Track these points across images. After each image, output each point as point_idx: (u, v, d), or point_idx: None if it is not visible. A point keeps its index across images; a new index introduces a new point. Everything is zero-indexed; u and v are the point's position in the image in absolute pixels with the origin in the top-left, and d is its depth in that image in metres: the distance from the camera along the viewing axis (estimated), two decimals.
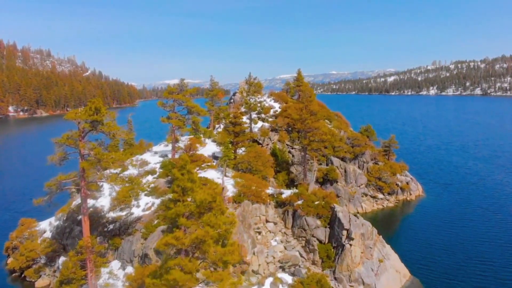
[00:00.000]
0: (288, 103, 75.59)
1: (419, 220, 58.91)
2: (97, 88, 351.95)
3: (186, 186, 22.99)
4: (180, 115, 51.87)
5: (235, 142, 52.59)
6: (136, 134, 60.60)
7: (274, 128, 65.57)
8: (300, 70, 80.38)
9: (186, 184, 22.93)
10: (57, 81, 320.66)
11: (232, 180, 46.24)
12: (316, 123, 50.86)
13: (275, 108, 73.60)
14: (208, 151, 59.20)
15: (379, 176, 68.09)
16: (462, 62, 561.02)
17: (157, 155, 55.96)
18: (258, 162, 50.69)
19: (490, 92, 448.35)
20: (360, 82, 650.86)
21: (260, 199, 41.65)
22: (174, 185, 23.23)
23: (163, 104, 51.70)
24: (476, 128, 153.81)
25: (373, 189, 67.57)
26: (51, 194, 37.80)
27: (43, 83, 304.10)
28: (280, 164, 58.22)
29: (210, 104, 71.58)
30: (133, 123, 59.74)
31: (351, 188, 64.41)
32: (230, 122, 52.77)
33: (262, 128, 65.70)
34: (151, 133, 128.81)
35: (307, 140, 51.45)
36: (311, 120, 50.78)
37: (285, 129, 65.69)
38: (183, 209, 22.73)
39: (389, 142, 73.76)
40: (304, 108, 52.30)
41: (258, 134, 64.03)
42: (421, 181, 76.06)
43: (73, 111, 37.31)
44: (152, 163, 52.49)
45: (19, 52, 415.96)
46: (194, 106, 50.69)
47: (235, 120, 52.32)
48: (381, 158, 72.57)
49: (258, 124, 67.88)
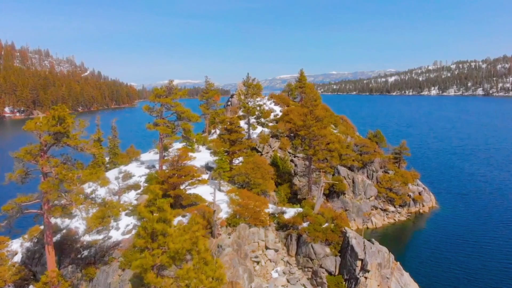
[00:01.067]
0: (289, 106, 69.34)
1: (435, 236, 52.80)
2: (95, 88, 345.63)
3: (156, 229, 16.73)
4: (169, 122, 45.58)
5: (231, 151, 46.32)
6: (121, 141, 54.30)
7: (275, 134, 59.29)
8: (302, 70, 74.19)
9: (156, 227, 16.67)
10: (55, 81, 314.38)
11: (227, 196, 40.04)
12: (322, 130, 44.60)
13: (275, 111, 67.34)
14: (201, 160, 52.92)
15: (389, 187, 61.83)
16: (464, 62, 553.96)
17: (144, 165, 49.69)
18: (257, 174, 44.44)
19: (492, 92, 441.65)
20: (360, 82, 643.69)
21: (258, 221, 35.39)
22: (140, 228, 16.98)
23: (149, 108, 45.41)
24: (483, 130, 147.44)
25: (384, 201, 61.30)
26: (10, 218, 31.63)
27: (40, 83, 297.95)
28: (282, 175, 51.95)
29: (205, 107, 65.29)
30: (117, 129, 53.39)
31: (360, 200, 58.12)
32: (225, 128, 46.49)
33: (261, 134, 59.44)
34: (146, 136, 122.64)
35: (312, 149, 45.17)
36: (317, 127, 44.50)
37: (287, 135, 59.40)
38: (151, 261, 16.47)
39: (399, 148, 67.43)
40: (308, 113, 46.01)
41: (257, 141, 57.76)
42: (433, 190, 69.84)
43: (33, 120, 31.15)
44: (136, 175, 46.24)
45: (17, 52, 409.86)
46: (185, 111, 44.37)
47: (231, 126, 46.04)
48: (391, 166, 66.28)
49: (257, 129, 61.59)
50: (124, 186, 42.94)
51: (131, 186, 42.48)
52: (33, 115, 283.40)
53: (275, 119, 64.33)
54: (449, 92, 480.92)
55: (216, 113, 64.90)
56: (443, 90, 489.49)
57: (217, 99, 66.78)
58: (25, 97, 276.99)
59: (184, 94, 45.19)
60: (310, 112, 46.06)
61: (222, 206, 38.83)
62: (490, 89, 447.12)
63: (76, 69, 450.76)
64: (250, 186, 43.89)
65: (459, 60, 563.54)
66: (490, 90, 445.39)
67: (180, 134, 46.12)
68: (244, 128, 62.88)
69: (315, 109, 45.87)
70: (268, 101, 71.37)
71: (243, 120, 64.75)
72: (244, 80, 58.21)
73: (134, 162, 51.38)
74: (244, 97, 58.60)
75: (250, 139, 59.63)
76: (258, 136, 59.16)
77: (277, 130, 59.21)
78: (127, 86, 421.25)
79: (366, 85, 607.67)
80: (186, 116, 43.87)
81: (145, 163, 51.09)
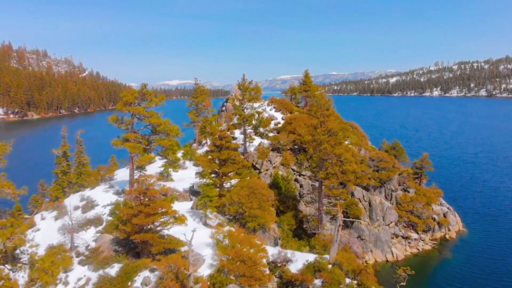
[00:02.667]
0: (293, 113, 59.26)
1: (465, 268, 43.65)
2: (92, 89, 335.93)
3: None
4: (142, 136, 35.50)
5: (221, 173, 36.23)
6: (90, 159, 44.17)
7: (276, 146, 49.22)
8: (307, 71, 64.09)
9: None
10: (51, 82, 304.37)
11: (212, 238, 30.01)
12: (337, 148, 34.50)
13: (276, 119, 57.24)
14: (186, 181, 42.82)
15: (411, 210, 51.75)
16: (465, 63, 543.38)
17: (114, 189, 39.55)
18: (253, 202, 34.38)
19: (495, 93, 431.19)
20: (361, 83, 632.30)
21: (253, 280, 25.33)
22: None
23: (116, 119, 35.30)
24: (497, 135, 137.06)
25: (405, 226, 51.28)
26: None
27: (35, 84, 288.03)
28: (285, 200, 41.88)
29: (194, 114, 55.21)
30: (83, 143, 43.30)
31: (378, 227, 48.04)
32: (214, 144, 36.42)
33: (260, 147, 49.37)
34: None
35: (323, 172, 35.05)
36: (330, 144, 34.40)
37: (290, 148, 49.34)
38: None
39: (421, 162, 57.29)
40: (319, 125, 35.93)
41: (255, 156, 47.70)
42: (458, 210, 59.86)
43: None
44: (101, 204, 36.15)
45: (14, 53, 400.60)
46: (161, 123, 34.30)
47: (221, 142, 35.94)
48: (412, 184, 56.18)
49: (255, 141, 51.50)
50: (82, 221, 32.87)
51: (90, 221, 32.41)
52: (27, 117, 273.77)
53: (276, 129, 54.25)
54: (452, 93, 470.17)
55: (207, 120, 54.78)
56: (445, 91, 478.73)
57: (208, 105, 56.67)
58: (19, 98, 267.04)
59: (161, 100, 35.25)
60: (320, 124, 35.95)
61: (206, 252, 28.80)
62: (493, 90, 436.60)
63: (74, 69, 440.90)
64: (245, 219, 33.89)
65: (460, 61, 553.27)
66: (493, 91, 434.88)
67: (156, 152, 36.02)
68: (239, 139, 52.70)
69: (327, 120, 35.76)
70: (268, 107, 61.22)
71: (238, 130, 54.61)
72: (239, 82, 48.12)
73: (102, 184, 41.27)
74: (239, 103, 48.54)
75: (246, 153, 49.51)
76: (256, 150, 49.08)
77: (279, 142, 49.13)
78: (126, 87, 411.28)
79: (367, 86, 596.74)
80: (163, 130, 33.76)
81: (116, 185, 40.98)
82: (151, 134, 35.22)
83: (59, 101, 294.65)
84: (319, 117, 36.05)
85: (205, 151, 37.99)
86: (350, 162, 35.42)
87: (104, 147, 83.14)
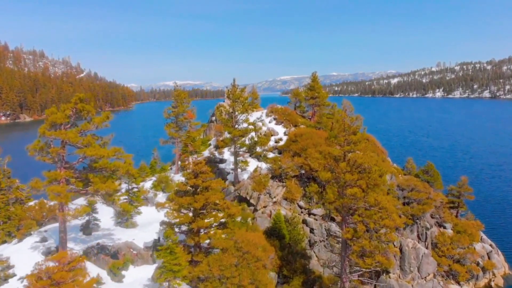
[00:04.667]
0: (298, 126, 46.92)
1: None
2: (88, 90, 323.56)
3: None
4: (77, 174, 23.22)
5: (195, 229, 24.00)
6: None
7: (277, 173, 36.96)
8: (315, 73, 51.77)
9: None
10: (45, 83, 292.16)
11: None
12: (372, 193, 22.32)
13: (277, 134, 44.92)
14: (152, 227, 30.55)
15: (451, 254, 39.49)
16: (468, 64, 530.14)
17: (43, 247, 27.16)
18: (244, 274, 22.30)
19: (499, 95, 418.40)
20: (362, 83, 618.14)
21: None
22: None
23: (40, 148, 23.01)
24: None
25: (443, 276, 39.01)
26: None
27: (28, 85, 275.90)
28: (290, 260, 29.47)
29: (173, 127, 42.86)
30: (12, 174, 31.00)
31: (412, 281, 35.77)
32: (187, 183, 24.22)
33: (256, 174, 37.06)
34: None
35: (350, 232, 22.82)
36: (361, 188, 22.22)
37: (296, 176, 37.06)
38: None
39: (458, 189, 44.94)
40: (342, 157, 23.70)
41: (249, 187, 35.44)
42: (499, 244, 47.61)
43: None
44: (19, 275, 23.86)
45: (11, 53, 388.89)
46: (103, 155, 22.01)
47: (195, 181, 23.73)
48: (448, 216, 43.90)
49: (249, 165, 39.19)
50: None
51: None
52: (19, 119, 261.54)
53: (278, 148, 41.92)
54: (455, 94, 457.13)
55: (189, 136, 42.37)
56: (448, 92, 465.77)
57: (191, 116, 44.26)
58: (11, 100, 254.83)
59: (105, 120, 23.31)
60: (344, 155, 23.71)
61: None
62: (497, 92, 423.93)
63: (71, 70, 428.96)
64: None
65: (463, 62, 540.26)
66: (497, 92, 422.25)
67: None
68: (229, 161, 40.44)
69: (354, 149, 23.52)
70: (267, 118, 48.87)
71: (228, 148, 42.37)
72: (228, 89, 35.81)
73: (35, 235, 28.91)
74: (228, 116, 36.32)
75: (237, 182, 37.24)
76: (250, 178, 36.78)
77: (280, 167, 36.84)
78: (123, 88, 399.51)
79: (368, 86, 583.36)
80: (105, 167, 21.48)
81: (54, 235, 28.71)
82: (88, 171, 23.05)
83: (53, 103, 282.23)
84: (342, 144, 23.75)
85: (174, 190, 25.68)
86: (391, 214, 23.16)
87: None
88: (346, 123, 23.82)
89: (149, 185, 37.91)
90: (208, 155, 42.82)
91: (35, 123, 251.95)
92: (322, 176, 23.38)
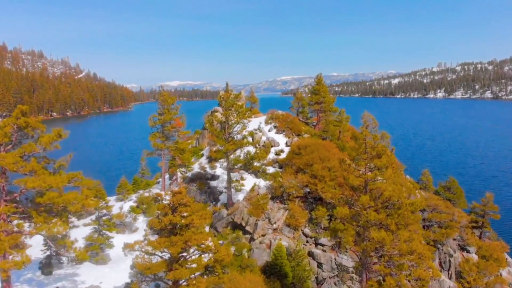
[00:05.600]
0: (301, 135, 41.26)
1: None
2: (86, 91, 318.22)
3: None
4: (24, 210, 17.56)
5: (175, 281, 18.40)
6: None
7: (278, 193, 31.34)
8: (320, 75, 46.14)
9: None
10: (43, 83, 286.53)
11: None
12: (402, 235, 16.71)
13: (278, 145, 39.28)
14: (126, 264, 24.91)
15: (478, 286, 33.89)
16: (469, 64, 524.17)
17: None
18: None
19: (501, 95, 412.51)
20: (363, 84, 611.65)
21: None
22: None
23: None
24: None
25: None
26: None
27: (25, 86, 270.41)
28: None
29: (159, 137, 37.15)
30: None
31: None
32: (161, 221, 18.62)
33: (252, 195, 31.43)
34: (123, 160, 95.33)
35: (374, 284, 17.15)
36: (390, 229, 16.60)
37: (300, 196, 31.41)
38: None
39: (483, 207, 39.25)
40: (363, 188, 18.11)
41: (244, 211, 29.80)
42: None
43: None
44: None
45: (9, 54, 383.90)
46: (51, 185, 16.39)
47: (172, 218, 18.16)
48: (471, 238, 38.24)
49: (246, 183, 33.54)
50: None
51: None
52: None
53: (279, 161, 36.28)
54: (456, 95, 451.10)
55: (178, 147, 36.56)
56: (449, 92, 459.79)
57: (180, 125, 38.47)
58: (7, 101, 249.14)
59: (53, 140, 17.70)
60: (365, 185, 18.13)
61: None
62: (499, 92, 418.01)
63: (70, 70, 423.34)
64: None
65: (464, 62, 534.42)
66: (499, 93, 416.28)
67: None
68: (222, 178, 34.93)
69: (379, 175, 17.94)
70: (266, 126, 43.21)
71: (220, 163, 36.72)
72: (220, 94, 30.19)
73: None
74: (220, 126, 30.72)
75: (231, 204, 31.62)
76: (246, 199, 31.15)
77: (282, 185, 31.22)
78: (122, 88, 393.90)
79: (369, 87, 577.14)
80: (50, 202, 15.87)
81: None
82: (31, 207, 17.49)
83: (50, 103, 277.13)
84: (364, 170, 18.15)
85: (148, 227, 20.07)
86: (426, 260, 17.56)
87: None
88: (368, 143, 18.20)
89: (127, 207, 32.29)
90: (198, 170, 37.20)
91: None
92: (338, 213, 17.76)
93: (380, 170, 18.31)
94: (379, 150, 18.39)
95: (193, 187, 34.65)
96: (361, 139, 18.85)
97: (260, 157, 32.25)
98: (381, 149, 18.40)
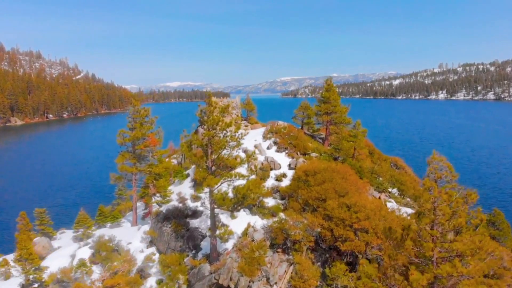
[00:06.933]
0: (308, 154, 33.21)
1: None
2: (83, 92, 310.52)
3: None
4: None
5: None
6: None
7: (280, 241, 23.25)
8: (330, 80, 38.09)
9: None
10: (39, 85, 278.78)
11: None
12: None
13: (279, 167, 31.29)
14: None
15: None
16: (471, 65, 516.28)
17: None
18: None
19: (504, 96, 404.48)
20: (364, 85, 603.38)
21: None
22: None
23: None
24: None
25: None
26: None
27: (20, 87, 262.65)
28: None
29: (130, 158, 29.10)
30: None
31: None
32: None
33: (245, 243, 23.31)
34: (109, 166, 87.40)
35: None
36: None
37: (310, 248, 23.30)
38: None
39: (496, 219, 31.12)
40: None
41: (234, 268, 21.72)
42: None
43: None
44: None
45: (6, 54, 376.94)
46: None
47: None
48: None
49: (236, 225, 25.50)
50: None
51: None
52: (10, 123, 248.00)
53: (280, 190, 28.26)
54: (458, 96, 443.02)
55: (152, 172, 28.28)
56: (451, 94, 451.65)
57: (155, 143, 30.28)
58: (1, 103, 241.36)
59: None
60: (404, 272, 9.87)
61: None
62: (502, 93, 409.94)
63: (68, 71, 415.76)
64: None
65: (465, 63, 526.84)
66: (502, 94, 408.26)
67: None
68: (205, 215, 26.79)
69: (462, 269, 9.82)
70: (265, 141, 35.09)
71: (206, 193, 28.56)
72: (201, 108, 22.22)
73: None
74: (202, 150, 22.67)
75: (215, 257, 23.47)
76: (236, 249, 23.06)
77: (284, 230, 23.15)
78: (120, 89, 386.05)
79: (370, 88, 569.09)
80: None
81: None
82: None
83: (46, 105, 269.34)
84: (433, 248, 10.00)
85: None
86: None
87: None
88: (441, 211, 10.08)
89: (79, 259, 24.11)
90: (176, 203, 28.93)
91: (27, 126, 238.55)
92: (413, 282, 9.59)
93: (462, 258, 10.24)
94: (460, 221, 10.28)
95: (167, 229, 26.38)
96: (427, 198, 10.79)
97: (256, 192, 24.16)
98: (463, 220, 10.32)
